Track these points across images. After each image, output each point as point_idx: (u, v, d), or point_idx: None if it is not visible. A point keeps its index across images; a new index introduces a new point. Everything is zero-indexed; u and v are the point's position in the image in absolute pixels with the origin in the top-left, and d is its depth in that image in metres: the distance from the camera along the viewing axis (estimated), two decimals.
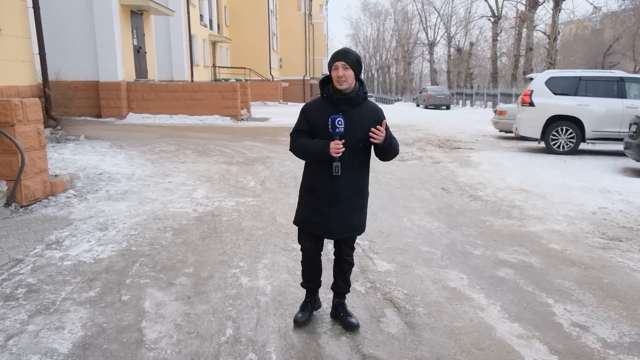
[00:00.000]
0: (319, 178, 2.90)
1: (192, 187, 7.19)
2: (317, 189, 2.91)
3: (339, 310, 3.15)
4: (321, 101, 2.92)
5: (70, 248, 4.48)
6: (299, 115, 2.97)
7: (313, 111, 2.92)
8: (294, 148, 2.95)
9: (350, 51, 2.84)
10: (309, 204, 2.96)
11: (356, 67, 2.81)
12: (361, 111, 2.87)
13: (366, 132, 2.82)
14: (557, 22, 25.65)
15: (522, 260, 4.33)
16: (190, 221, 5.43)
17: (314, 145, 2.83)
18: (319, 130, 2.85)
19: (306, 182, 3.00)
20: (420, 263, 4.23)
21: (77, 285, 3.66)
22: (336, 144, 2.75)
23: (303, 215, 3.00)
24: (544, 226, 5.42)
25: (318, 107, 2.91)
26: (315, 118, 2.88)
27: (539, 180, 8.06)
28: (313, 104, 2.97)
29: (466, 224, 5.49)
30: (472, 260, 4.33)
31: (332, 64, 2.81)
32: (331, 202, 2.88)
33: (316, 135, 2.87)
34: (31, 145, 5.86)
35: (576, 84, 10.96)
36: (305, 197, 3.00)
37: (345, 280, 3.16)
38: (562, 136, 10.96)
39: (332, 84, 2.86)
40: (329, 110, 2.82)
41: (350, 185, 2.91)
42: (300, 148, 2.90)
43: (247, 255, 4.38)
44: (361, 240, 4.80)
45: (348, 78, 2.78)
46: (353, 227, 2.99)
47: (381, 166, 9.25)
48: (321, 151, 2.79)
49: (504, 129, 14.40)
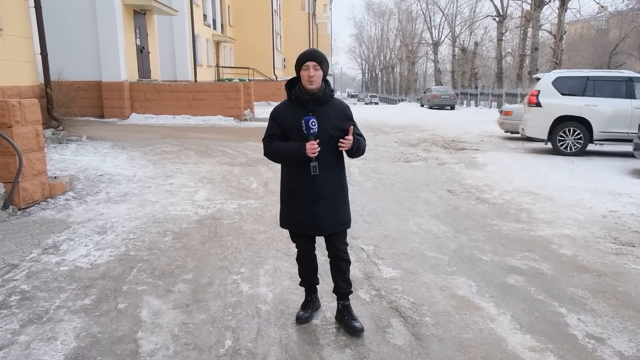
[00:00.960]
0: (299, 179, 2.92)
1: (193, 189, 7.07)
2: (299, 190, 2.94)
3: (343, 314, 3.10)
4: (289, 103, 2.94)
5: (67, 253, 4.37)
6: (269, 120, 2.98)
7: (283, 114, 2.93)
8: (269, 152, 2.95)
9: (318, 51, 2.90)
10: (293, 206, 2.98)
11: (325, 67, 2.87)
12: (329, 109, 2.92)
13: (337, 129, 2.89)
14: (563, 22, 25.41)
15: (532, 266, 4.18)
16: (191, 224, 5.32)
17: (289, 148, 2.86)
18: (291, 132, 2.87)
19: (286, 185, 3.03)
20: (427, 269, 4.09)
21: (72, 293, 3.54)
22: (312, 145, 2.79)
23: (289, 217, 3.02)
24: (553, 230, 5.27)
25: (287, 110, 2.92)
26: (286, 121, 2.90)
27: (547, 182, 7.90)
28: (282, 107, 2.97)
29: (473, 227, 5.35)
30: (480, 266, 4.18)
31: (302, 64, 2.83)
32: (314, 201, 2.92)
33: (289, 137, 2.89)
34: (29, 147, 5.75)
35: (584, 84, 10.78)
36: (288, 199, 3.01)
37: (346, 280, 3.12)
38: (570, 137, 10.78)
39: (298, 85, 2.90)
40: (298, 112, 2.85)
41: (330, 182, 2.96)
42: (275, 152, 2.91)
43: (248, 260, 4.25)
44: (365, 245, 4.67)
45: (318, 78, 2.83)
46: (340, 221, 3.02)
47: (385, 168, 9.12)
48: (297, 152, 2.83)
49: (510, 130, 14.23)
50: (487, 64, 51.90)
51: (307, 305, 3.23)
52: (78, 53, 16.10)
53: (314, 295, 3.28)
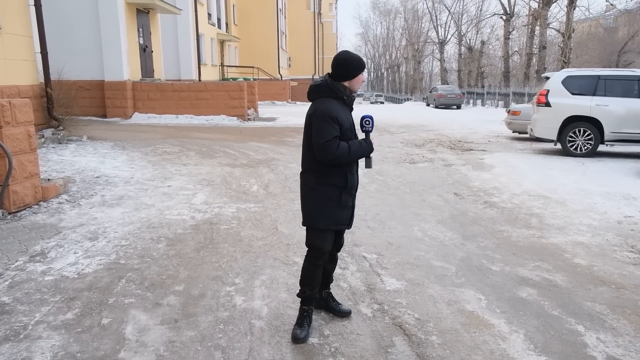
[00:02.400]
0: (353, 176, 3.02)
1: (191, 191, 6.86)
2: (354, 187, 3.04)
3: (328, 301, 3.29)
4: (338, 103, 2.95)
5: (54, 260, 4.16)
6: (330, 122, 2.85)
7: (341, 114, 2.91)
8: (338, 156, 2.85)
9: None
10: (347, 204, 3.01)
11: None
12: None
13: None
14: (572, 20, 25.02)
15: (545, 278, 3.93)
16: (187, 230, 5.10)
17: (358, 147, 2.93)
18: (346, 131, 2.92)
19: (344, 184, 2.96)
20: (433, 280, 3.85)
21: (54, 306, 3.33)
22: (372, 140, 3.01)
23: (339, 216, 3.00)
24: (566, 237, 5.01)
25: (340, 110, 2.94)
26: (343, 120, 2.91)
27: (557, 185, 7.63)
28: (334, 108, 2.91)
29: (482, 234, 5.10)
30: (489, 277, 3.94)
31: (360, 71, 2.97)
32: (355, 195, 3.09)
33: (343, 137, 2.90)
34: (21, 149, 5.55)
35: (595, 84, 10.48)
36: (343, 198, 2.97)
37: (334, 269, 3.33)
38: (580, 138, 10.49)
39: (346, 87, 2.96)
40: (346, 111, 2.97)
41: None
42: (346, 153, 2.86)
43: (244, 270, 4.03)
44: (368, 253, 4.44)
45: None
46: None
47: (390, 169, 8.88)
48: (367, 149, 2.96)
49: (518, 130, 13.93)
50: (494, 63, 51.44)
51: (304, 321, 3.03)
52: (80, 52, 15.97)
53: (311, 308, 3.12)
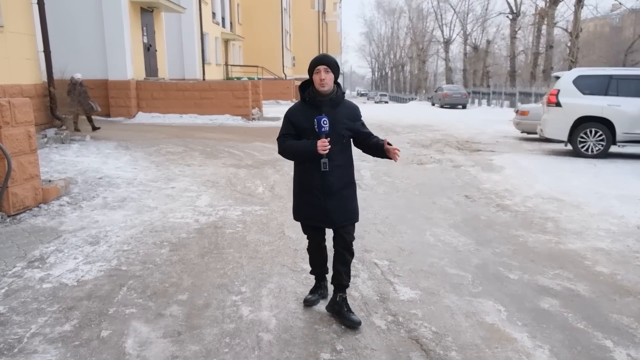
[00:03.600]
0: (311, 175, 3.07)
1: (196, 193, 6.70)
2: (311, 186, 3.07)
3: (342, 306, 3.16)
4: (302, 105, 3.09)
5: (53, 266, 4.01)
6: (284, 120, 3.13)
7: (297, 115, 3.08)
8: (283, 150, 3.10)
9: (329, 55, 3.09)
10: (307, 201, 3.13)
11: (335, 70, 3.02)
12: (341, 110, 3.07)
13: (347, 128, 3.08)
14: (579, 19, 24.74)
15: (567, 287, 3.74)
16: (190, 234, 4.94)
17: (302, 145, 3.01)
18: (305, 131, 3.02)
19: (299, 181, 3.17)
20: (449, 290, 3.67)
21: (52, 316, 3.17)
22: (323, 142, 2.93)
23: (303, 212, 3.18)
24: (584, 243, 4.81)
25: (301, 111, 3.07)
26: (300, 121, 3.05)
27: (570, 187, 7.42)
28: (295, 108, 3.12)
29: (496, 239, 4.91)
30: (508, 286, 3.75)
31: (314, 68, 2.99)
32: (326, 195, 3.06)
33: (302, 136, 3.04)
34: (20, 150, 5.40)
35: (607, 83, 10.25)
36: (301, 195, 3.16)
37: (347, 273, 3.22)
38: (591, 138, 10.27)
39: (311, 87, 3.05)
40: (312, 112, 3.00)
41: (340, 178, 3.09)
42: (289, 149, 3.06)
43: (250, 277, 3.86)
44: (380, 260, 4.26)
45: (329, 80, 2.99)
46: (350, 215, 3.16)
47: (398, 170, 8.69)
48: (309, 149, 2.96)
49: (527, 130, 13.70)
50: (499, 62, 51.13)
51: (316, 290, 3.42)
52: (84, 51, 15.85)
53: (323, 282, 3.45)
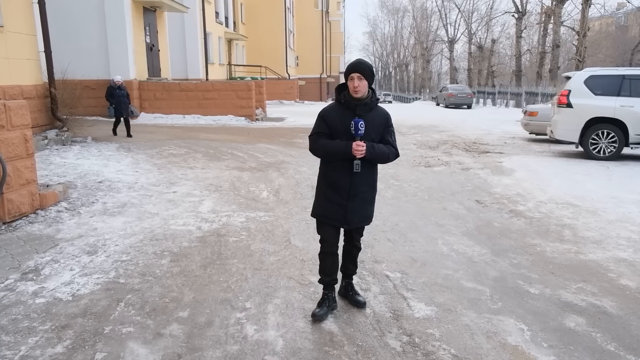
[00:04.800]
0: (339, 175, 3.14)
1: (198, 198, 6.49)
2: (338, 185, 3.15)
3: (348, 290, 3.49)
4: (338, 106, 3.16)
5: (48, 279, 3.80)
6: (318, 119, 3.20)
7: (332, 115, 3.15)
8: (316, 148, 3.17)
9: (364, 62, 3.12)
10: (330, 198, 3.19)
11: (369, 77, 3.06)
12: (374, 116, 3.15)
13: (379, 134, 3.17)
14: (587, 17, 24.42)
15: (592, 303, 3.51)
16: (193, 243, 4.73)
17: (337, 146, 3.06)
18: (338, 132, 3.09)
19: (326, 179, 3.22)
20: (466, 306, 3.45)
21: (43, 336, 2.96)
22: (358, 145, 3.00)
23: (323, 208, 3.23)
24: (605, 253, 4.58)
25: (336, 112, 3.15)
26: (334, 121, 3.12)
27: (585, 191, 7.19)
28: (331, 109, 3.20)
29: (513, 249, 4.69)
30: (529, 302, 3.53)
31: (348, 75, 3.06)
32: (350, 196, 3.15)
33: (335, 137, 3.11)
34: (16, 154, 5.21)
35: (619, 83, 9.99)
36: (326, 192, 3.21)
37: (354, 263, 3.49)
38: (603, 140, 10.02)
39: (347, 90, 3.11)
40: (347, 114, 3.08)
41: (365, 181, 3.19)
42: (322, 148, 3.12)
43: (255, 291, 3.64)
44: (391, 272, 4.04)
45: (362, 88, 3.04)
46: (366, 217, 3.28)
47: (405, 173, 8.47)
48: (343, 151, 3.04)
49: (535, 132, 13.45)
50: (504, 61, 50.77)
51: (324, 302, 3.34)
52: (86, 51, 15.69)
53: (331, 293, 3.39)
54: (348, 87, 3.08)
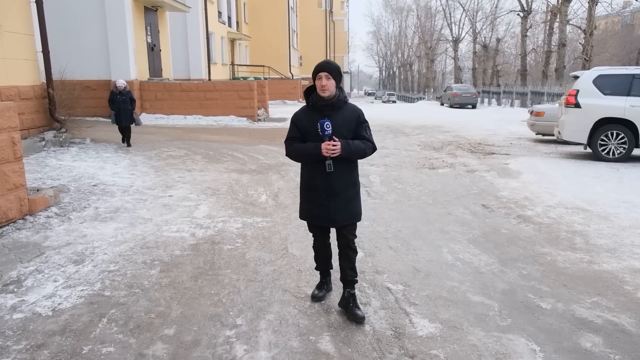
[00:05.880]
0: (316, 176, 3.20)
1: (194, 202, 6.28)
2: (316, 186, 3.21)
3: (349, 301, 3.33)
4: (307, 109, 3.23)
5: (29, 291, 3.60)
6: (290, 124, 3.28)
7: (302, 119, 3.23)
8: (290, 153, 3.27)
9: (331, 62, 3.20)
10: (311, 200, 3.27)
11: (337, 76, 3.10)
12: (343, 114, 3.18)
13: (351, 131, 3.19)
14: (594, 16, 24.07)
15: (608, 320, 3.27)
16: (185, 251, 4.51)
17: (307, 148, 3.15)
18: (309, 135, 3.16)
19: (305, 181, 3.32)
20: (473, 322, 3.21)
21: (16, 357, 2.74)
22: (327, 145, 3.06)
23: (307, 210, 3.33)
24: (620, 263, 4.33)
25: (305, 115, 3.22)
26: (304, 124, 3.20)
27: (595, 195, 6.93)
28: (300, 112, 3.28)
29: (522, 258, 4.44)
30: (541, 318, 3.29)
31: (315, 75, 3.10)
32: (329, 196, 3.19)
33: (307, 139, 3.18)
34: (3, 158, 5.01)
35: (629, 83, 9.71)
36: (306, 194, 3.31)
37: (353, 269, 3.35)
38: (612, 141, 9.74)
39: (315, 92, 3.16)
40: (315, 116, 3.13)
41: (344, 179, 3.22)
42: (295, 152, 3.22)
43: (248, 306, 3.42)
44: (393, 284, 3.81)
45: (330, 86, 3.08)
46: (351, 214, 3.29)
47: (409, 176, 8.24)
48: (314, 152, 3.11)
49: (542, 132, 13.17)
50: (509, 61, 50.34)
51: (322, 286, 3.57)
52: (87, 51, 15.53)
53: (328, 278, 3.62)
54: (316, 87, 3.12)
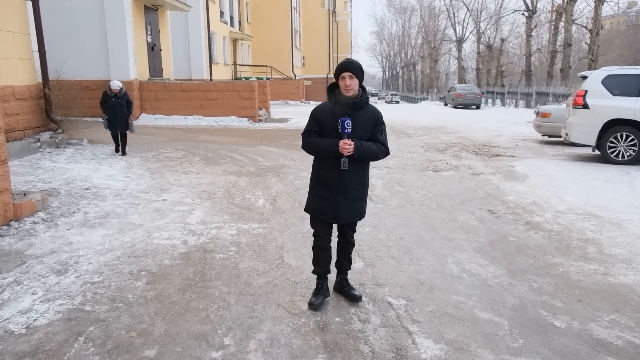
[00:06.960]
0: (329, 171, 3.24)
1: (188, 207, 6.04)
2: (327, 181, 3.25)
3: (343, 285, 3.56)
4: (329, 105, 3.24)
5: (4, 305, 3.36)
6: (310, 117, 3.32)
7: (322, 114, 3.26)
8: (307, 146, 3.30)
9: (354, 61, 3.22)
10: (319, 194, 3.31)
11: (360, 75, 3.15)
12: (363, 114, 3.21)
13: (368, 132, 3.22)
14: (600, 15, 23.74)
15: (629, 341, 3.00)
16: (175, 260, 4.27)
17: (325, 143, 3.18)
18: (327, 130, 3.19)
19: (317, 175, 3.34)
20: (482, 343, 2.95)
21: None
22: (345, 143, 3.09)
23: (314, 204, 3.36)
24: (637, 275, 4.06)
25: (326, 110, 3.24)
26: (324, 120, 3.22)
27: (605, 199, 6.65)
28: (322, 107, 3.30)
29: (532, 269, 4.18)
30: (555, 338, 3.03)
31: (339, 74, 3.15)
32: (339, 192, 3.24)
33: (325, 135, 3.21)
34: None
35: (639, 83, 9.44)
36: (316, 188, 3.34)
37: (348, 259, 3.55)
38: (622, 143, 9.46)
39: (338, 89, 3.19)
40: (337, 113, 3.15)
41: (355, 178, 3.27)
42: (313, 146, 3.25)
43: (237, 323, 3.17)
44: (395, 299, 3.55)
45: (354, 86, 3.13)
46: (356, 213, 3.36)
47: (412, 179, 7.98)
48: (332, 149, 3.14)
49: (548, 133, 12.88)
50: (514, 61, 49.98)
51: (319, 292, 3.47)
52: (86, 51, 15.34)
53: (325, 283, 3.52)
54: (339, 86, 3.14)
